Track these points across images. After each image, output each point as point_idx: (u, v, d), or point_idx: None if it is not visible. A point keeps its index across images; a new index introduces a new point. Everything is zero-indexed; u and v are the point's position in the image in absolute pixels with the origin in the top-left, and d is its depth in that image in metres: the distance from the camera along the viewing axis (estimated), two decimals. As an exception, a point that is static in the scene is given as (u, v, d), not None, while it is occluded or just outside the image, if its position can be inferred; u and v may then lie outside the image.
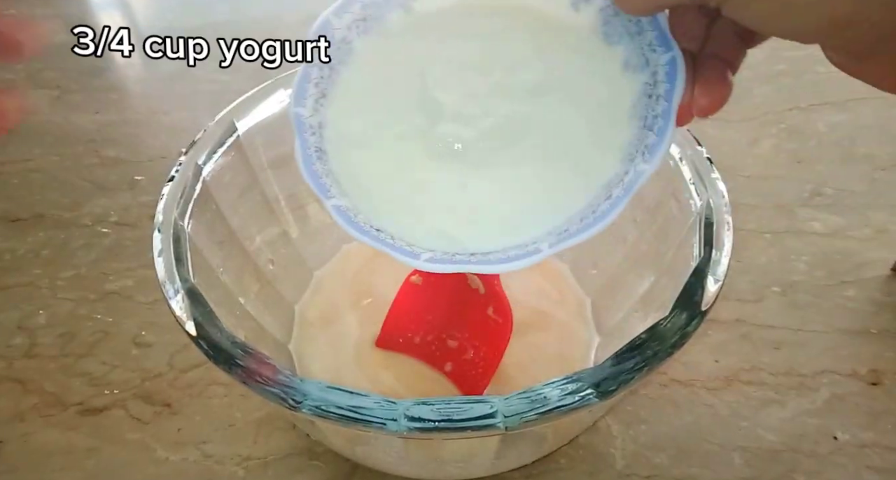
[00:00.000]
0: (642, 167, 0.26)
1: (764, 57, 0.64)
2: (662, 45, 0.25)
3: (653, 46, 0.25)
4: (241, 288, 0.35)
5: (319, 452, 0.37)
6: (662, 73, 0.25)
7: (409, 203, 0.27)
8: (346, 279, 0.43)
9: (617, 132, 0.26)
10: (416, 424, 0.24)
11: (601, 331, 0.40)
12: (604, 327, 0.40)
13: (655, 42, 0.25)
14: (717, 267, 0.29)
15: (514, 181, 0.27)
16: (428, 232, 0.27)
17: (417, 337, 0.38)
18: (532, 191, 0.27)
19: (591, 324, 0.41)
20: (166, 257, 0.29)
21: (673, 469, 0.37)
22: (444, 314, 0.37)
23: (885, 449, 0.37)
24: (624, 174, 0.26)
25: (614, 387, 0.25)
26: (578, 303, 0.42)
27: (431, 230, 0.27)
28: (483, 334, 0.37)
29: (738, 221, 0.41)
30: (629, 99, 0.26)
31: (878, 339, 0.42)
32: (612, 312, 0.39)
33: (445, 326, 0.38)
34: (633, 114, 0.26)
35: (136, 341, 0.43)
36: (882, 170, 0.53)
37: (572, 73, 0.26)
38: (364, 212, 0.27)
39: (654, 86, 0.25)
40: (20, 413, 0.39)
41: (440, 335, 0.38)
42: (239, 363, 0.26)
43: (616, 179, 0.26)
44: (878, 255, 0.47)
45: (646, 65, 0.25)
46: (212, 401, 0.40)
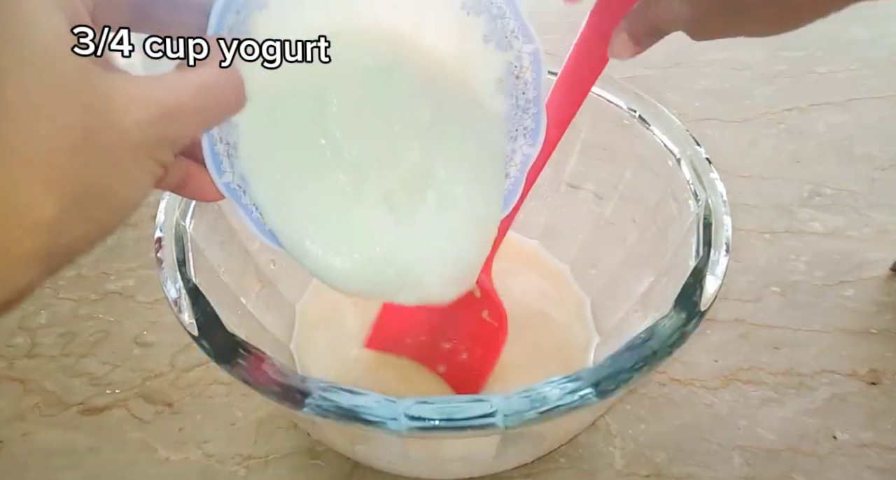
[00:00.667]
0: (528, 150, 0.29)
1: (763, 57, 0.64)
2: (525, 37, 0.27)
3: (515, 34, 0.27)
4: (242, 288, 0.35)
5: (320, 451, 0.37)
6: (528, 61, 0.27)
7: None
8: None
9: (490, 100, 0.28)
10: (417, 423, 0.24)
11: (601, 331, 0.40)
12: (603, 327, 0.40)
13: (518, 31, 0.27)
14: (716, 267, 0.29)
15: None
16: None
17: (409, 338, 0.38)
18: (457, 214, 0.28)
19: (590, 324, 0.41)
20: (168, 257, 0.29)
21: (672, 468, 0.37)
22: (437, 315, 0.37)
23: (884, 449, 0.37)
24: (512, 153, 0.29)
25: (614, 387, 0.25)
26: (578, 304, 0.42)
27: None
28: (477, 337, 0.37)
29: (738, 221, 0.41)
30: (495, 73, 0.27)
31: (878, 339, 0.42)
32: (611, 312, 0.40)
33: (438, 327, 0.38)
34: (500, 89, 0.28)
35: (138, 341, 0.43)
36: (881, 170, 0.53)
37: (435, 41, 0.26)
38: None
39: (519, 70, 0.27)
40: (21, 412, 0.39)
41: (433, 336, 0.38)
42: (240, 362, 0.26)
43: (506, 156, 0.29)
44: (877, 255, 0.47)
45: (509, 47, 0.27)
46: (213, 401, 0.40)
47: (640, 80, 0.51)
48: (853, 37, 0.65)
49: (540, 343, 0.39)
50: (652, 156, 0.35)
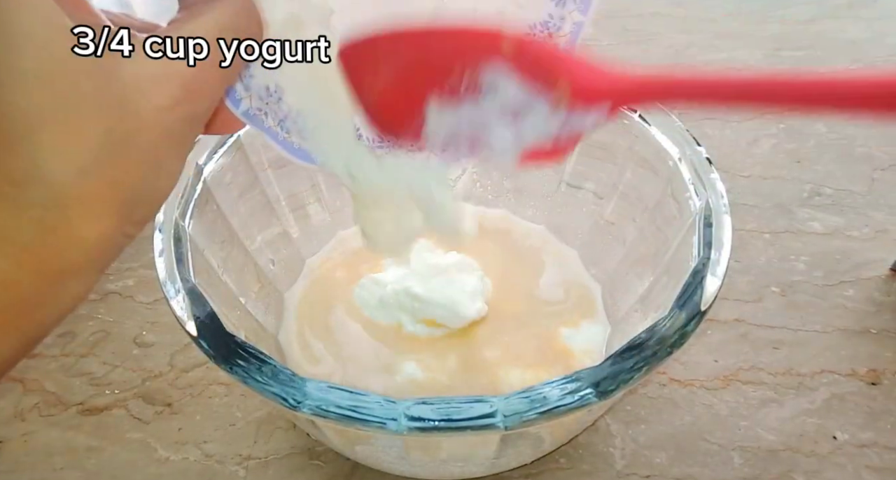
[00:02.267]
0: (578, 18, 0.25)
1: (763, 56, 0.64)
2: None
3: None
4: (241, 287, 0.35)
5: (320, 451, 0.37)
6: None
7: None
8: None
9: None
10: (416, 423, 0.24)
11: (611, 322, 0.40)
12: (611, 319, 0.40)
13: None
14: (716, 266, 0.29)
15: None
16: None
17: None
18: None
19: (602, 314, 0.41)
20: (167, 257, 0.29)
21: (672, 468, 0.37)
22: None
23: (884, 449, 0.37)
24: (560, 20, 0.25)
25: (613, 387, 0.25)
26: (590, 294, 0.42)
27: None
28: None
29: (738, 221, 0.41)
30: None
31: (878, 339, 0.42)
32: (611, 312, 0.40)
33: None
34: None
35: (137, 341, 0.43)
36: (881, 170, 0.53)
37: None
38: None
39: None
40: (21, 412, 0.39)
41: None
42: (239, 363, 0.26)
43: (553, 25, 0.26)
44: (877, 255, 0.47)
45: None
46: (212, 401, 0.40)
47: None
48: (853, 37, 0.65)
49: (550, 335, 0.39)
50: (652, 156, 0.35)
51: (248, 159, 0.37)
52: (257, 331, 0.36)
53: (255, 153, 0.37)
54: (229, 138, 0.35)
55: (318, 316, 0.40)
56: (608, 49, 0.66)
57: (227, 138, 0.35)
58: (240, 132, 0.35)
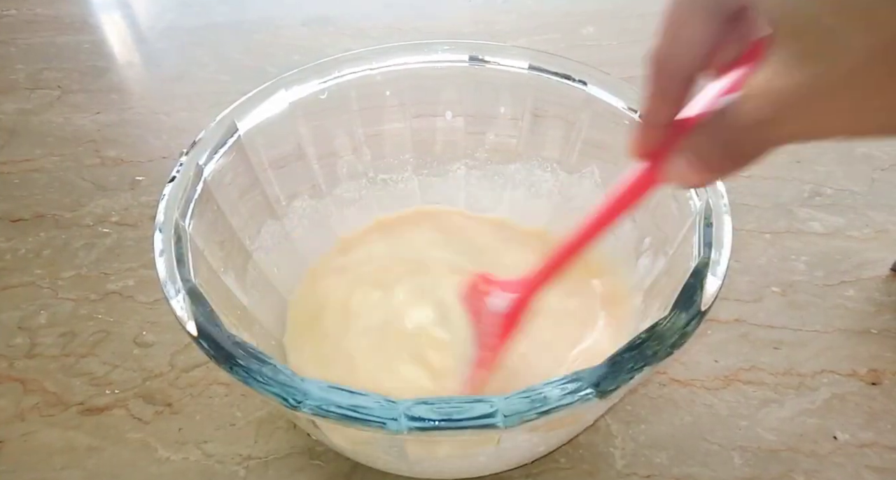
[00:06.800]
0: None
1: (764, 57, 0.63)
2: None
3: None
4: (242, 288, 0.35)
5: (320, 451, 0.37)
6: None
7: None
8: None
9: None
10: (416, 423, 0.24)
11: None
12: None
13: None
14: (716, 267, 0.29)
15: None
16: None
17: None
18: None
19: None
20: (167, 257, 0.29)
21: (672, 468, 0.37)
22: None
23: (884, 449, 0.37)
24: None
25: (614, 387, 0.25)
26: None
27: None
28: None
29: (738, 221, 0.41)
30: None
31: (878, 339, 0.42)
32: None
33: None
34: None
35: (137, 341, 0.43)
36: (881, 170, 0.53)
37: None
38: None
39: None
40: (21, 412, 0.39)
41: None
42: (240, 363, 0.26)
43: None
44: (877, 255, 0.47)
45: None
46: (213, 401, 0.40)
47: (641, 80, 0.50)
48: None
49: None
50: (652, 156, 0.35)
51: (248, 159, 0.37)
52: (257, 332, 0.36)
53: (255, 153, 0.37)
54: (229, 138, 0.35)
55: (318, 317, 0.40)
56: (608, 49, 0.65)
57: (226, 137, 0.35)
58: (240, 132, 0.36)
